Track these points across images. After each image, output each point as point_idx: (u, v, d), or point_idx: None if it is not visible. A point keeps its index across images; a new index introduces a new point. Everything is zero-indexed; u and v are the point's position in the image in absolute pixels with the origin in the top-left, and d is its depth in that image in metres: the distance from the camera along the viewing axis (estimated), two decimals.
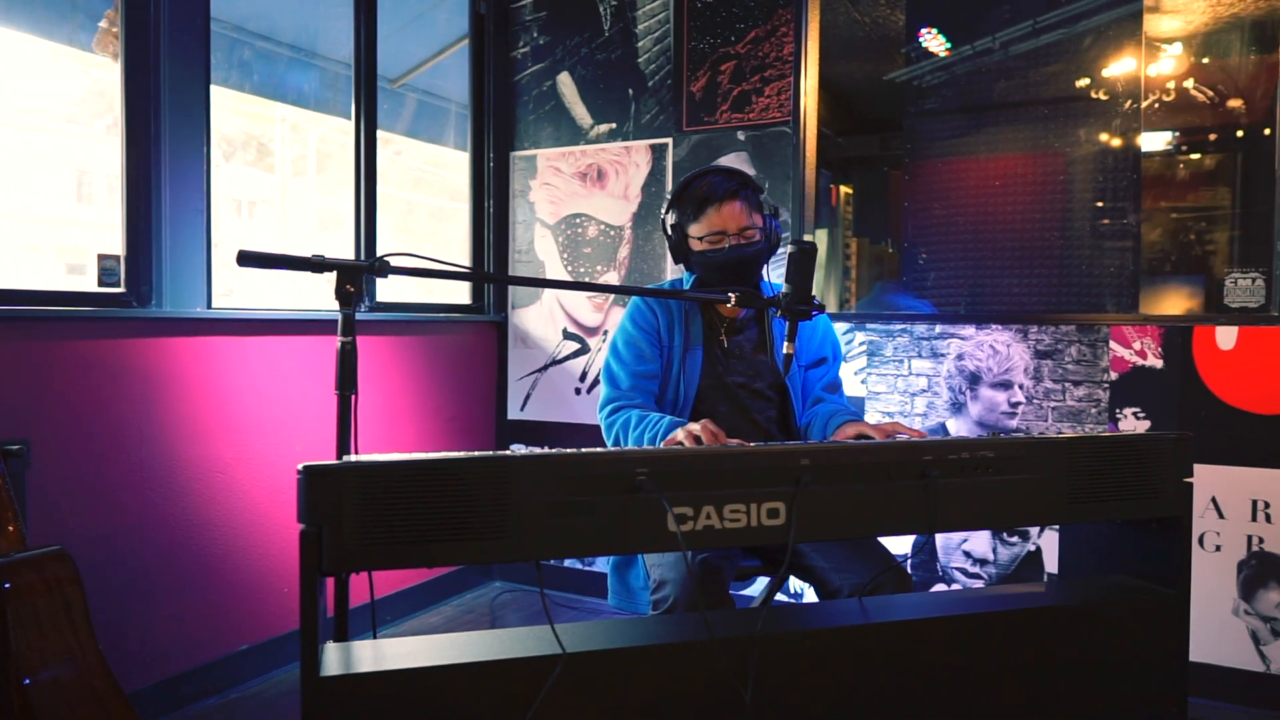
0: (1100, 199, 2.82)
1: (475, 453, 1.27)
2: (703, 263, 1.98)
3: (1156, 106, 2.76)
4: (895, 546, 2.77)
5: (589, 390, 3.56)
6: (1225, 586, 2.60)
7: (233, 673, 2.65)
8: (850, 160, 3.21)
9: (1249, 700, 2.58)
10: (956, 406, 2.91)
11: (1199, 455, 2.54)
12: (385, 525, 1.17)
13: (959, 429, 2.91)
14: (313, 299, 3.46)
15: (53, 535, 2.15)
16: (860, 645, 1.41)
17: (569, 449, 1.31)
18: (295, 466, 1.15)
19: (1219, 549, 2.61)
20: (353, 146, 3.18)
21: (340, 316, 1.51)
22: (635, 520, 1.28)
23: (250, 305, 2.90)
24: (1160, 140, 2.77)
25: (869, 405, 3.04)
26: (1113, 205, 2.80)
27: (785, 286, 1.69)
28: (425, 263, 1.60)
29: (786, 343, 1.72)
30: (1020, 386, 2.83)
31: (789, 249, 1.69)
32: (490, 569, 3.73)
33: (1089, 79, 2.84)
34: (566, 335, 3.62)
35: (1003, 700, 1.48)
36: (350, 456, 1.32)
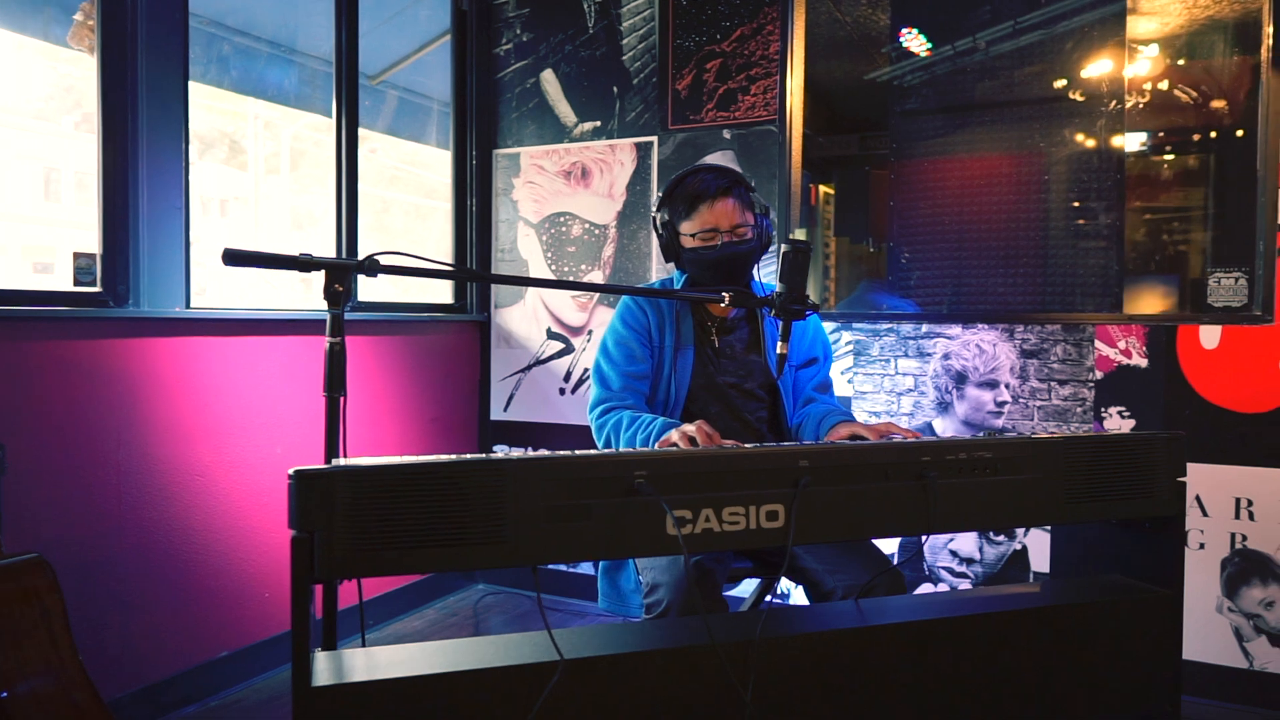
0: (1084, 198, 2.84)
1: (470, 455, 1.24)
2: (695, 260, 1.96)
3: (1140, 106, 2.77)
4: (883, 546, 2.76)
5: (574, 391, 3.53)
6: (1209, 584, 2.62)
7: (214, 679, 2.60)
8: (831, 160, 3.20)
9: (1232, 697, 2.60)
10: (943, 406, 2.92)
11: None
12: (379, 531, 1.14)
13: (945, 428, 2.91)
14: (288, 298, 3.41)
15: (28, 542, 2.09)
16: (859, 648, 1.40)
17: (564, 451, 1.29)
18: (276, 469, 1.12)
19: (1203, 546, 2.62)
20: (334, 144, 3.13)
21: (328, 317, 1.48)
22: (634, 524, 1.26)
23: (228, 305, 2.85)
24: (1144, 140, 2.79)
25: (855, 405, 3.04)
26: (1097, 205, 2.81)
27: (779, 286, 1.68)
28: (414, 261, 1.57)
29: (781, 343, 1.70)
30: (1006, 386, 2.83)
31: (783, 248, 1.67)
32: (474, 571, 3.69)
33: (1073, 79, 2.85)
34: (550, 335, 3.59)
35: (1002, 700, 1.48)
36: (339, 460, 1.29)
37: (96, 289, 2.35)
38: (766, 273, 2.80)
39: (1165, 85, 2.75)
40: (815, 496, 1.35)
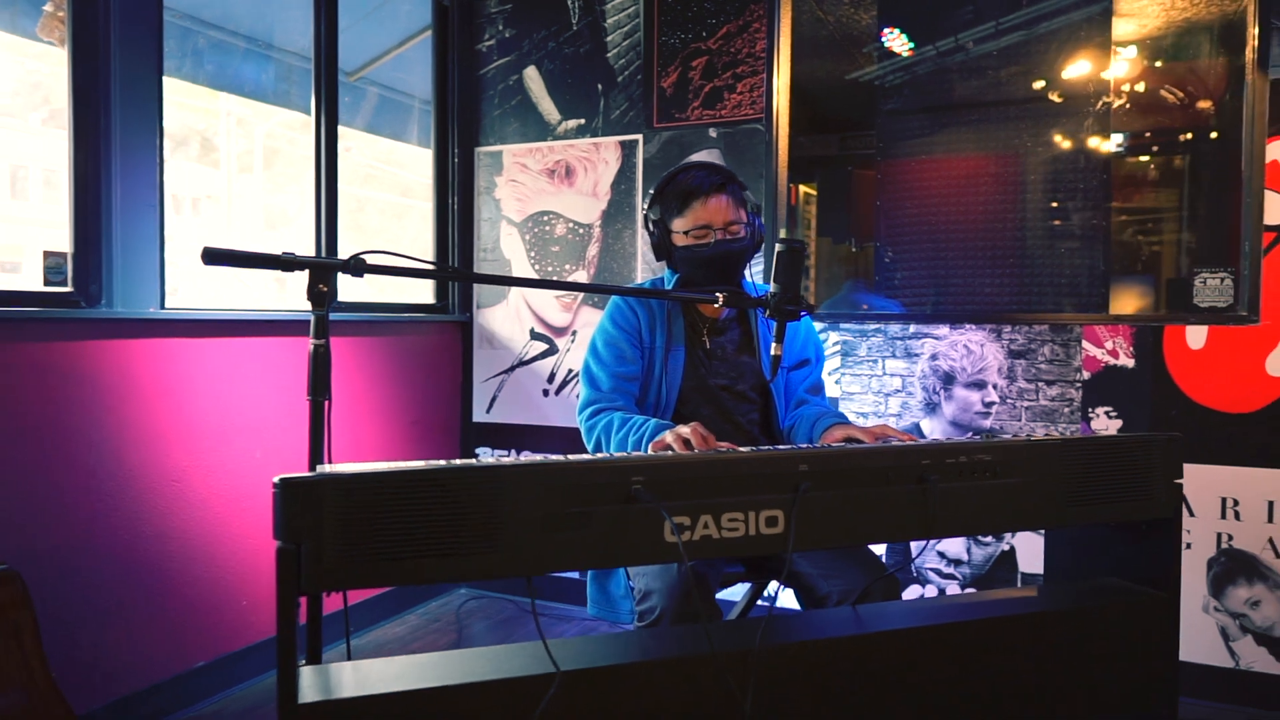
0: (1070, 199, 2.83)
1: (464, 462, 1.20)
2: (687, 258, 1.92)
3: (1125, 107, 2.77)
4: (873, 549, 2.74)
5: (558, 392, 3.49)
6: (1195, 584, 2.62)
7: (191, 690, 2.54)
8: (812, 160, 3.18)
9: (1219, 696, 2.61)
10: (931, 406, 2.91)
11: None
12: (368, 541, 1.10)
13: (933, 429, 2.90)
14: (261, 299, 3.34)
15: None
16: (859, 655, 1.38)
17: (558, 456, 1.25)
18: (255, 474, 1.08)
19: (1189, 546, 2.63)
20: (313, 142, 3.07)
21: (312, 318, 1.43)
22: (632, 531, 1.22)
23: (202, 305, 2.78)
24: (1129, 141, 2.79)
25: (843, 406, 3.02)
26: (1083, 205, 2.81)
27: (774, 286, 1.65)
28: (400, 260, 1.52)
29: (775, 344, 1.67)
30: (994, 386, 2.82)
31: (778, 247, 1.64)
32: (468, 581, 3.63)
33: (1056, 80, 2.85)
34: (534, 335, 3.54)
35: (1002, 705, 1.46)
36: (325, 466, 1.24)
37: (68, 289, 2.28)
38: (755, 273, 2.77)
39: (1150, 86, 2.75)
40: (815, 501, 1.32)
